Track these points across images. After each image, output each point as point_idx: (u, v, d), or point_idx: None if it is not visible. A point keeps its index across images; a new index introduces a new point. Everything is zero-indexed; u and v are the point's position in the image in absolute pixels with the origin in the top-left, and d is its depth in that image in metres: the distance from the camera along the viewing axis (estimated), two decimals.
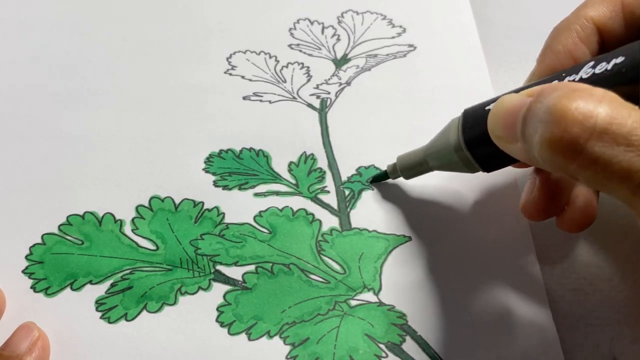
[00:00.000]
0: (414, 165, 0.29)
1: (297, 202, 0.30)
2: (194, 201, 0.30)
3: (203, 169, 0.31)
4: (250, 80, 0.34)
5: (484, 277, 0.28)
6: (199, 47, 0.35)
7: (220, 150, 0.31)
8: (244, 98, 0.33)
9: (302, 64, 0.34)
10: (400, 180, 0.30)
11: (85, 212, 0.29)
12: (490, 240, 0.29)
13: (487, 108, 0.25)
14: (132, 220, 0.29)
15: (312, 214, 0.30)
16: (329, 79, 0.34)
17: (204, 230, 0.29)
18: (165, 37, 0.35)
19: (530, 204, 0.27)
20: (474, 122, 0.25)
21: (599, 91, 0.20)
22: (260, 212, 0.30)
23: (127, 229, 0.29)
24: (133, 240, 0.29)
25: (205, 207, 0.30)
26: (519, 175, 0.31)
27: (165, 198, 0.30)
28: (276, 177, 0.31)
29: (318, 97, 0.33)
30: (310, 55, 0.35)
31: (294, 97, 0.33)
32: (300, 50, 0.35)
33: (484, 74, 0.34)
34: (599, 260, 0.29)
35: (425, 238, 0.29)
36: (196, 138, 0.32)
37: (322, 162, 0.31)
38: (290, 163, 0.31)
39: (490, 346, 0.26)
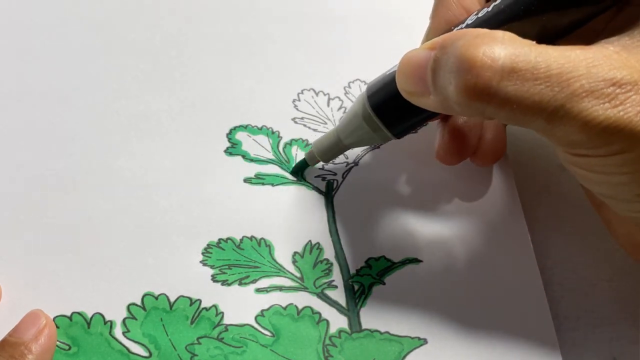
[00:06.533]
0: (330, 147, 0.29)
1: (302, 299, 0.28)
2: (190, 299, 0.27)
3: (200, 261, 0.28)
4: (252, 160, 0.31)
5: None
6: (196, 122, 0.33)
7: (219, 240, 0.29)
8: (245, 180, 0.31)
9: (307, 140, 0.32)
10: (410, 268, 0.28)
11: (73, 313, 0.27)
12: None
13: (388, 73, 0.26)
14: (123, 321, 0.27)
15: (319, 313, 0.27)
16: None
17: (201, 332, 0.27)
18: (160, 111, 0.33)
19: (442, 150, 0.29)
20: (377, 88, 0.26)
21: (499, 33, 0.21)
22: (263, 311, 0.27)
23: (118, 331, 0.27)
24: (124, 345, 0.26)
25: (203, 305, 0.27)
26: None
27: (159, 295, 0.28)
28: (279, 270, 0.28)
29: (323, 179, 0.31)
30: (315, 130, 0.32)
31: (298, 179, 0.31)
32: (305, 125, 0.32)
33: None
34: (599, 260, 0.29)
35: (442, 339, 0.26)
36: (193, 226, 0.29)
37: (329, 253, 0.29)
38: (295, 253, 0.29)
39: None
